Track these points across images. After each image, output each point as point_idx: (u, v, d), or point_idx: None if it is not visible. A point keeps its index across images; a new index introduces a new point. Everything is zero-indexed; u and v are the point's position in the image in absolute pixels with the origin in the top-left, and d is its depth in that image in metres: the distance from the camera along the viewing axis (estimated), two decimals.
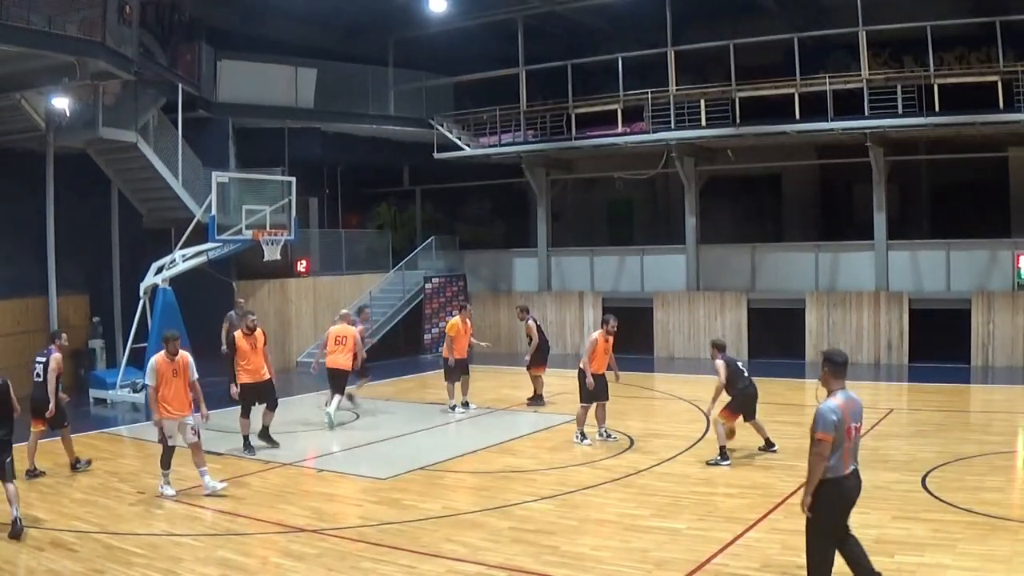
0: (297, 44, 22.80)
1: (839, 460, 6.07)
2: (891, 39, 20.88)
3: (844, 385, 6.26)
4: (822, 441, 6.02)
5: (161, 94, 18.75)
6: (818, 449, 6.04)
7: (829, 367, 6.30)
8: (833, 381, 6.26)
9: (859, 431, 6.22)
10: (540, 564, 7.65)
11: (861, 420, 6.29)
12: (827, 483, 6.09)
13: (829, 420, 6.02)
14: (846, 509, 6.25)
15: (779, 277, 21.53)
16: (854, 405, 6.23)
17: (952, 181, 21.99)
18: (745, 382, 11.19)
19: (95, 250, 19.82)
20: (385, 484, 10.58)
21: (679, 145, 21.25)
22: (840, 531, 6.29)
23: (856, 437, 6.17)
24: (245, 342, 12.36)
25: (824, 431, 6.01)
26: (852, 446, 6.13)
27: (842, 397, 6.18)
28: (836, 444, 6.03)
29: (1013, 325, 18.55)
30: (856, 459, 6.22)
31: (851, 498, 6.23)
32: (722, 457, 10.87)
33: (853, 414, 6.17)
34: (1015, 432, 13.09)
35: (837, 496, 6.13)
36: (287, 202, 17.72)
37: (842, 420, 6.04)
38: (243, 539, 8.59)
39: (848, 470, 6.12)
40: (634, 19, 23.23)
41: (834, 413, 6.04)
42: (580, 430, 12.41)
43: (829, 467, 6.05)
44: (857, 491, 6.27)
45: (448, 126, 23.86)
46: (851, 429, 6.09)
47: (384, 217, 27.24)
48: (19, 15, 13.25)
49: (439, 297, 24.02)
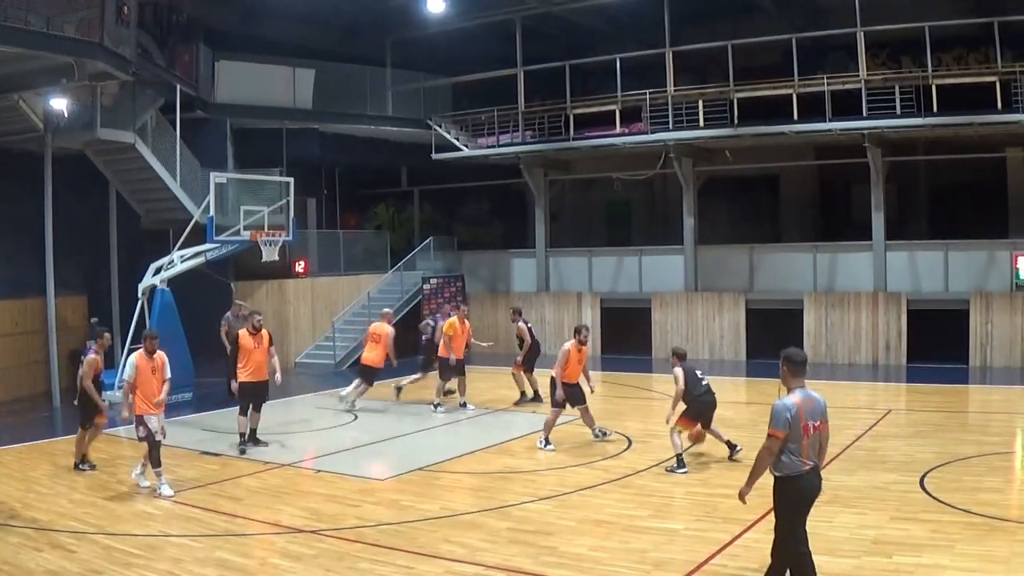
0: (295, 45, 22.81)
1: (796, 457, 6.17)
2: (889, 40, 20.91)
3: (803, 384, 6.35)
4: (773, 437, 6.17)
5: (159, 95, 18.75)
6: (768, 444, 6.20)
7: (787, 366, 6.39)
8: (791, 380, 6.35)
9: (819, 429, 6.28)
10: (538, 565, 7.65)
11: (822, 418, 6.33)
12: (784, 480, 6.23)
13: (783, 417, 6.14)
14: (806, 505, 6.33)
15: (777, 278, 21.53)
16: (813, 403, 6.29)
17: (950, 182, 22.01)
18: (702, 389, 11.09)
19: (93, 251, 19.83)
20: (383, 485, 10.58)
21: (677, 146, 21.25)
22: (803, 527, 6.34)
23: (815, 435, 6.24)
24: (250, 341, 12.39)
25: (776, 428, 6.16)
26: (810, 443, 6.22)
27: (800, 395, 6.27)
28: (792, 441, 6.15)
29: (1011, 325, 18.56)
30: (816, 456, 6.30)
31: (810, 494, 6.32)
32: (679, 464, 10.73)
33: (811, 412, 6.24)
34: (1013, 432, 13.10)
35: (795, 492, 6.24)
36: (285, 203, 17.73)
37: (797, 417, 6.14)
38: (241, 540, 8.59)
39: (806, 467, 6.21)
40: (632, 20, 23.25)
41: (788, 411, 6.16)
42: (546, 435, 12.27)
43: (785, 464, 6.18)
44: (817, 488, 6.35)
45: (446, 127, 23.86)
46: (808, 427, 6.18)
47: (382, 218, 27.25)
48: (17, 16, 13.25)
49: (437, 297, 24.00)
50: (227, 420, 14.58)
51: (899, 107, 18.56)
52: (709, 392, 11.19)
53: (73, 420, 12.33)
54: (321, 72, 22.60)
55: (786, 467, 6.18)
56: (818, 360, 20.15)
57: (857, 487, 9.62)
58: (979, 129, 18.49)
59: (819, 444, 6.32)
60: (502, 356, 20.97)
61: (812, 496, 6.33)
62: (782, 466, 6.19)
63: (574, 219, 27.71)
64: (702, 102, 20.68)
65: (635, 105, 21.57)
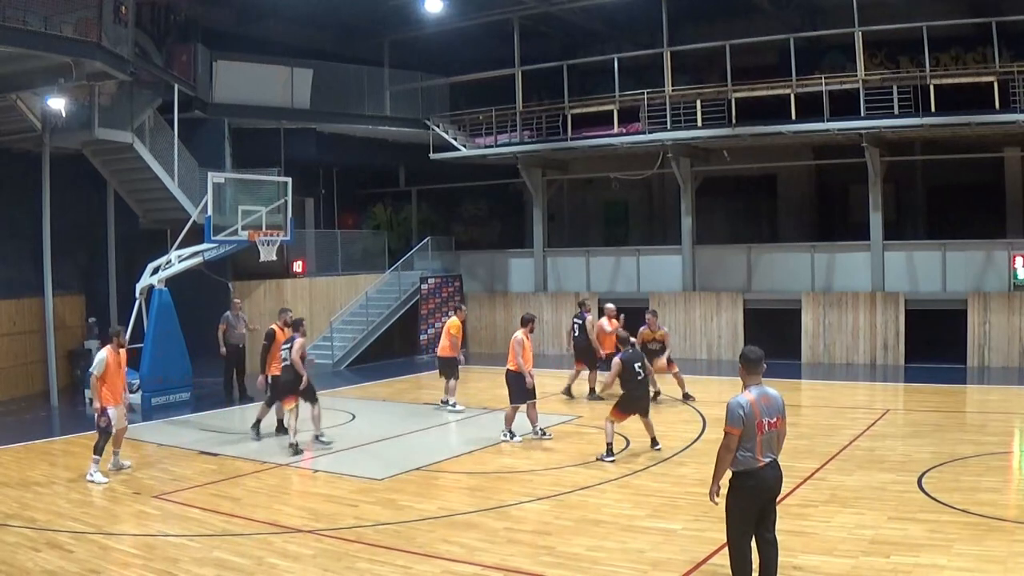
0: (293, 45, 22.81)
1: (751, 453, 6.26)
2: (887, 40, 20.95)
3: (759, 381, 6.44)
4: (728, 434, 6.28)
5: (157, 95, 18.73)
6: (725, 441, 6.33)
7: (743, 363, 6.51)
8: (747, 377, 6.46)
9: (775, 425, 6.36)
10: (536, 565, 7.65)
11: (779, 415, 6.41)
12: (740, 475, 6.34)
13: (736, 415, 6.26)
14: (758, 500, 6.39)
15: (775, 278, 21.54)
16: (768, 400, 6.37)
17: (948, 182, 22.04)
18: (635, 384, 11.51)
19: (91, 250, 19.83)
20: (381, 484, 10.58)
21: (675, 146, 21.26)
22: (752, 525, 6.43)
23: (770, 432, 6.33)
24: (283, 336, 13.07)
25: (731, 425, 6.27)
26: (765, 439, 6.30)
27: (755, 392, 6.35)
28: (747, 437, 6.24)
29: (1009, 326, 18.57)
30: (772, 452, 6.38)
31: (764, 489, 6.39)
32: (607, 453, 11.22)
33: (766, 409, 6.32)
34: (1011, 432, 13.10)
35: (749, 487, 6.32)
36: (283, 203, 17.73)
37: (751, 415, 6.24)
38: (239, 540, 8.58)
39: (762, 463, 6.30)
40: (630, 20, 23.27)
41: (741, 408, 6.26)
42: (508, 428, 12.67)
43: (741, 459, 6.28)
44: (775, 482, 6.44)
45: (444, 127, 23.86)
46: (762, 424, 6.27)
47: (380, 218, 27.26)
48: (15, 15, 13.24)
49: (435, 297, 24.02)
50: (226, 420, 14.59)
51: (897, 107, 18.57)
52: (641, 387, 11.62)
53: (73, 420, 12.33)
54: (319, 72, 22.59)
55: (740, 463, 6.30)
56: (816, 360, 20.19)
57: (855, 487, 9.63)
58: (977, 129, 18.50)
59: (775, 440, 6.42)
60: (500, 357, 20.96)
61: (769, 489, 6.43)
62: (736, 462, 6.31)
63: (572, 219, 27.73)
64: (700, 102, 20.70)
65: (633, 105, 21.58)
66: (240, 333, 17.18)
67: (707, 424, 13.48)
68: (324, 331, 22.29)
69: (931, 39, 18.58)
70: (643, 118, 21.34)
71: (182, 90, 19.08)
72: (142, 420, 15.15)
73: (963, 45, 21.43)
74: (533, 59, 23.07)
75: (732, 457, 6.29)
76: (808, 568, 7.24)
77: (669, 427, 13.59)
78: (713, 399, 14.80)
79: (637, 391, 11.54)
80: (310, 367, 13.06)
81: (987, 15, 18.68)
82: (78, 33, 14.27)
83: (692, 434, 12.88)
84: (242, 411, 16.18)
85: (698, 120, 20.63)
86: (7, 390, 17.24)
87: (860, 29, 19.01)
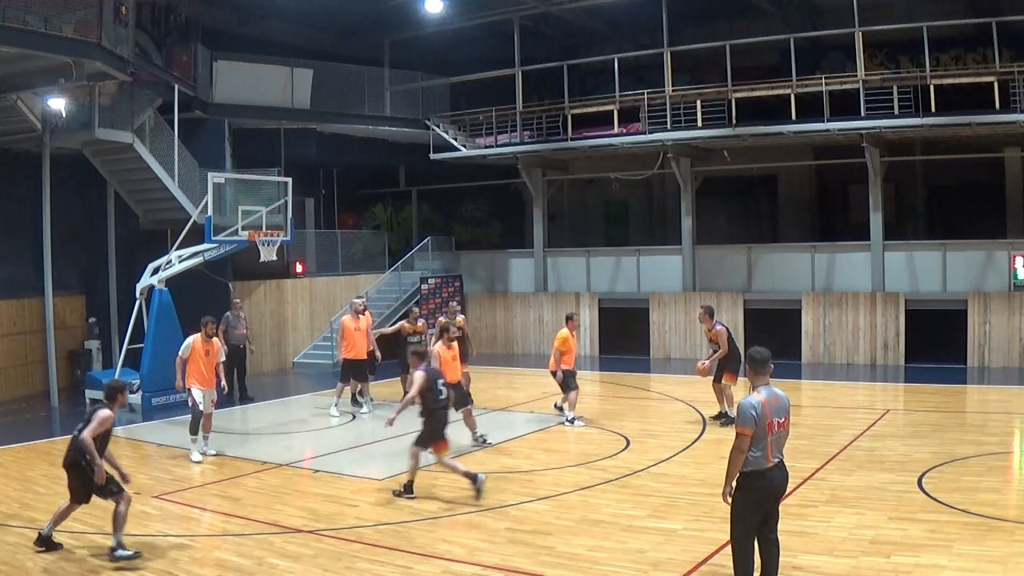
0: (293, 45, 22.79)
1: (762, 453, 6.29)
2: (887, 40, 20.94)
3: (768, 381, 6.48)
4: (741, 435, 6.28)
5: (157, 95, 18.72)
6: (737, 442, 6.33)
7: (751, 365, 6.55)
8: (755, 378, 6.51)
9: (783, 426, 6.41)
10: (536, 565, 7.65)
11: (786, 415, 6.46)
12: (749, 475, 6.35)
13: (748, 415, 6.28)
14: (766, 500, 6.42)
15: (775, 278, 21.55)
16: (777, 401, 6.42)
17: (948, 182, 22.05)
18: (440, 403, 10.12)
19: (91, 251, 19.81)
20: (381, 484, 10.57)
21: (675, 146, 21.26)
22: (756, 525, 6.44)
23: (779, 432, 6.37)
24: (352, 323, 14.97)
25: (743, 425, 6.28)
26: (775, 439, 6.33)
27: (765, 393, 6.39)
28: (758, 438, 6.26)
29: (1009, 326, 18.57)
30: (780, 452, 6.43)
31: (773, 489, 6.43)
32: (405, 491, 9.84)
33: (775, 409, 6.36)
34: (1011, 433, 13.10)
35: (758, 488, 6.35)
36: (283, 203, 17.72)
37: (762, 415, 6.27)
38: (239, 540, 8.58)
39: (771, 463, 6.34)
40: (630, 20, 23.27)
41: (753, 408, 6.29)
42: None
43: (751, 460, 6.30)
44: (782, 482, 6.49)
45: (444, 127, 23.86)
46: (772, 424, 6.31)
47: (380, 218, 27.25)
48: (15, 16, 13.23)
49: (435, 297, 24.01)
50: (225, 420, 14.58)
51: (897, 107, 18.56)
52: (444, 403, 10.20)
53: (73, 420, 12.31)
54: (319, 72, 22.57)
55: (750, 464, 6.31)
56: (816, 360, 20.19)
57: (855, 487, 9.63)
58: (977, 129, 18.50)
59: (782, 440, 6.46)
60: (499, 357, 21.04)
61: (777, 489, 6.47)
62: (747, 463, 6.32)
63: (572, 219, 27.72)
64: (700, 102, 20.68)
65: (633, 105, 21.58)
66: (240, 333, 17.18)
67: (707, 424, 13.48)
68: (324, 331, 22.29)
69: (931, 39, 18.58)
70: (643, 118, 21.33)
71: (182, 90, 19.07)
72: (142, 420, 15.15)
73: (963, 45, 21.43)
74: (533, 59, 23.06)
75: (744, 458, 6.29)
76: (808, 568, 7.24)
77: (668, 428, 13.63)
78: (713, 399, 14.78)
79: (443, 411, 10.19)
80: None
81: (987, 15, 18.67)
82: (78, 33, 14.26)
83: (692, 434, 12.88)
84: (243, 411, 16.20)
85: (698, 120, 20.63)
86: (7, 390, 17.25)
87: (860, 29, 19.00)
